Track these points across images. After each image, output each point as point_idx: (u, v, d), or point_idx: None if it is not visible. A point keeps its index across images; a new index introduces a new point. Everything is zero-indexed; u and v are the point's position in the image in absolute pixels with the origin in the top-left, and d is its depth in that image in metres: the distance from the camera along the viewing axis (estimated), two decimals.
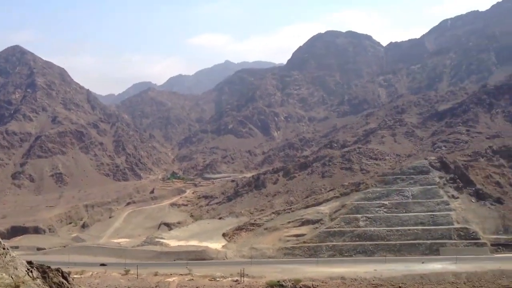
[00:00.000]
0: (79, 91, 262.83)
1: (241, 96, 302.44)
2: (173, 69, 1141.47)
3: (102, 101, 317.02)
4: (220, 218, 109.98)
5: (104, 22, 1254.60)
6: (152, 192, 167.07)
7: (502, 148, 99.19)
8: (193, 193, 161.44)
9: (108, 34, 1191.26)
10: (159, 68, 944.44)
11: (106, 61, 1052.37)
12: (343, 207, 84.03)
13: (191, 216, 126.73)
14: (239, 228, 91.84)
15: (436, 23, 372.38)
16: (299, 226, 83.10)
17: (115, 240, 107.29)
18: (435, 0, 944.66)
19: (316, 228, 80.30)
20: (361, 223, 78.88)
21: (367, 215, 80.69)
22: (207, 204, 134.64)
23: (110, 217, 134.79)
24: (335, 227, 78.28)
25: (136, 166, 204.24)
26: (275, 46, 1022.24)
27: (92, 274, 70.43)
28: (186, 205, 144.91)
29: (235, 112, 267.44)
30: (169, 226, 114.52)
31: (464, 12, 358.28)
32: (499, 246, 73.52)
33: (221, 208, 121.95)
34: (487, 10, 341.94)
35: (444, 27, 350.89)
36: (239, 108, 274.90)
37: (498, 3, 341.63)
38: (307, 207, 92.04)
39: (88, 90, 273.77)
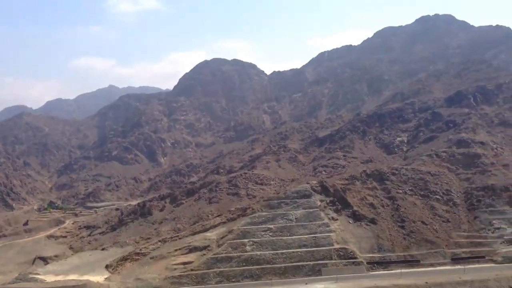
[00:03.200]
0: None
1: (126, 121, 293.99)
2: (51, 92, 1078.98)
3: None
4: (103, 249, 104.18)
5: None
6: (25, 223, 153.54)
7: (374, 171, 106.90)
8: (73, 223, 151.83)
9: None
10: (35, 91, 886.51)
11: None
12: (230, 233, 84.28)
13: (71, 248, 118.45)
14: (124, 259, 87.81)
15: (315, 55, 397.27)
16: (187, 253, 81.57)
17: None
18: (314, 33, 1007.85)
19: (204, 254, 79.47)
20: (247, 248, 79.62)
21: (253, 239, 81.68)
22: (89, 235, 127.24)
23: None
24: (222, 253, 78.11)
25: (7, 196, 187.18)
26: (161, 72, 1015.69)
27: None
28: (65, 236, 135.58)
29: (120, 138, 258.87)
30: (45, 260, 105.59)
31: (339, 46, 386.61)
32: (374, 264, 78.50)
33: (105, 239, 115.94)
34: (359, 44, 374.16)
35: (322, 58, 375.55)
36: (124, 133, 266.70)
37: (368, 38, 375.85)
38: (194, 233, 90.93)
39: None
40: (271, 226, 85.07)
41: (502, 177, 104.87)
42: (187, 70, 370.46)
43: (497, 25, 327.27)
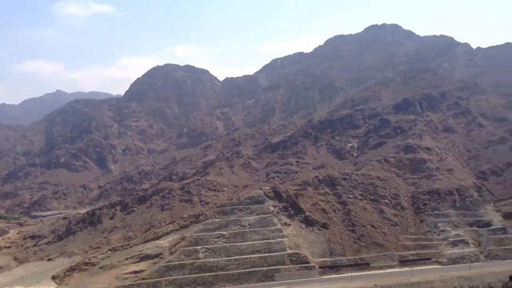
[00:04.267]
0: None
1: (74, 127, 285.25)
2: None
3: None
4: (49, 259, 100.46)
5: None
6: None
7: (326, 177, 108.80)
8: (17, 233, 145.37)
9: None
10: None
11: None
12: (183, 240, 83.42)
13: (15, 259, 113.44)
14: (72, 269, 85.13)
15: (268, 61, 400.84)
16: (138, 262, 79.98)
17: None
18: (267, 40, 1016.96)
19: (156, 263, 78.21)
20: (200, 255, 79.05)
21: (206, 246, 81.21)
22: (35, 245, 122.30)
23: None
24: (174, 261, 77.15)
25: None
26: (111, 77, 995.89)
27: None
28: (9, 247, 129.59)
29: (68, 145, 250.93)
30: None
31: (291, 53, 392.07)
32: (325, 268, 79.82)
33: (51, 249, 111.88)
34: (310, 52, 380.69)
35: (275, 65, 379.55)
36: (72, 140, 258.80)
37: (320, 46, 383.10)
38: (146, 241, 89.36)
39: None
40: (224, 233, 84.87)
41: (447, 181, 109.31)
42: (139, 76, 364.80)
43: (441, 35, 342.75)
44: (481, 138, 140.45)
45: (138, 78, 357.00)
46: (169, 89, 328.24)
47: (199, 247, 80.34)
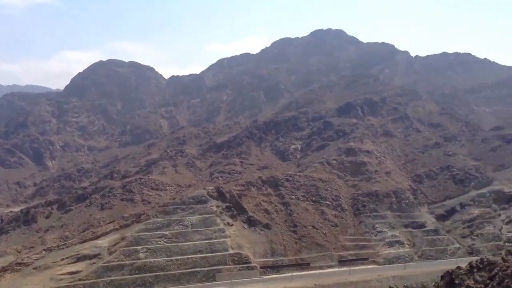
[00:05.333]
0: None
1: (9, 121, 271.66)
2: None
3: None
4: None
5: None
6: None
7: (269, 178, 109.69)
8: None
9: None
10: None
11: None
12: (123, 240, 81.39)
13: None
14: (3, 269, 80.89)
15: (215, 61, 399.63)
16: (75, 262, 77.16)
17: None
18: (214, 40, 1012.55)
19: (93, 263, 75.80)
20: (141, 255, 77.45)
21: (147, 246, 79.68)
22: None
23: None
24: (113, 261, 75.11)
25: None
26: (51, 71, 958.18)
27: None
28: None
29: (2, 139, 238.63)
30: None
31: (238, 54, 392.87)
32: (267, 268, 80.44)
33: None
34: (257, 53, 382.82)
35: (221, 65, 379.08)
36: (7, 135, 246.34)
37: (266, 48, 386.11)
38: (84, 241, 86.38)
39: None
40: (166, 233, 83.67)
41: (385, 184, 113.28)
42: (81, 70, 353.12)
43: (383, 42, 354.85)
44: (418, 143, 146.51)
45: (79, 73, 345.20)
46: (112, 85, 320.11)
47: (139, 247, 78.67)
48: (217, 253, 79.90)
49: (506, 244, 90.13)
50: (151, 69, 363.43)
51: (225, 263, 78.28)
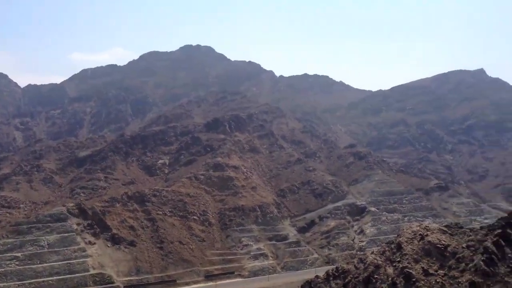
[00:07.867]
0: None
1: None
2: None
3: None
4: None
5: None
6: None
7: (136, 193, 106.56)
8: None
9: None
10: None
11: None
12: None
13: None
14: None
15: (78, 71, 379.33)
16: None
17: None
18: (77, 49, 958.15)
19: None
20: None
21: None
22: None
23: None
24: None
25: None
26: None
27: None
28: None
29: None
30: None
31: (104, 65, 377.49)
32: (131, 287, 77.63)
33: None
34: (124, 65, 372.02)
35: (85, 76, 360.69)
36: None
37: (134, 60, 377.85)
38: None
39: None
40: (18, 254, 76.75)
41: (251, 198, 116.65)
42: None
43: (249, 61, 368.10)
44: (282, 159, 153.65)
45: None
46: None
47: None
48: (77, 274, 75.20)
49: (358, 252, 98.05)
50: (4, 76, 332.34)
51: (85, 285, 73.97)
